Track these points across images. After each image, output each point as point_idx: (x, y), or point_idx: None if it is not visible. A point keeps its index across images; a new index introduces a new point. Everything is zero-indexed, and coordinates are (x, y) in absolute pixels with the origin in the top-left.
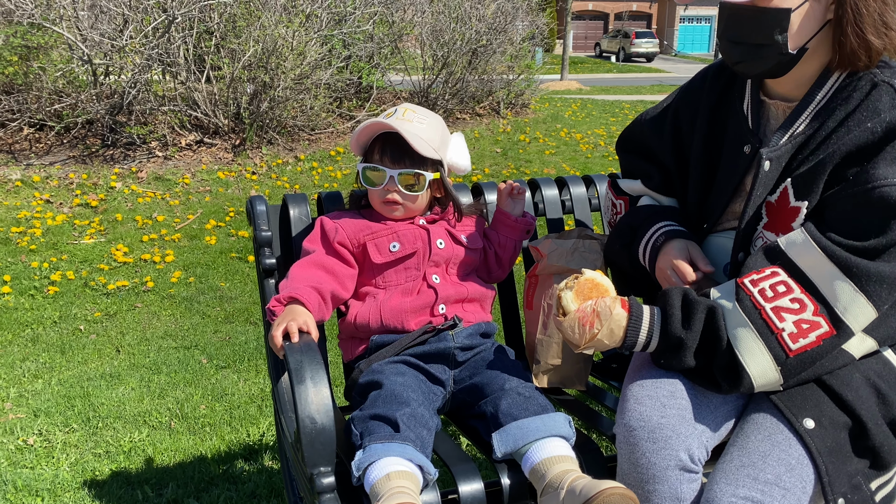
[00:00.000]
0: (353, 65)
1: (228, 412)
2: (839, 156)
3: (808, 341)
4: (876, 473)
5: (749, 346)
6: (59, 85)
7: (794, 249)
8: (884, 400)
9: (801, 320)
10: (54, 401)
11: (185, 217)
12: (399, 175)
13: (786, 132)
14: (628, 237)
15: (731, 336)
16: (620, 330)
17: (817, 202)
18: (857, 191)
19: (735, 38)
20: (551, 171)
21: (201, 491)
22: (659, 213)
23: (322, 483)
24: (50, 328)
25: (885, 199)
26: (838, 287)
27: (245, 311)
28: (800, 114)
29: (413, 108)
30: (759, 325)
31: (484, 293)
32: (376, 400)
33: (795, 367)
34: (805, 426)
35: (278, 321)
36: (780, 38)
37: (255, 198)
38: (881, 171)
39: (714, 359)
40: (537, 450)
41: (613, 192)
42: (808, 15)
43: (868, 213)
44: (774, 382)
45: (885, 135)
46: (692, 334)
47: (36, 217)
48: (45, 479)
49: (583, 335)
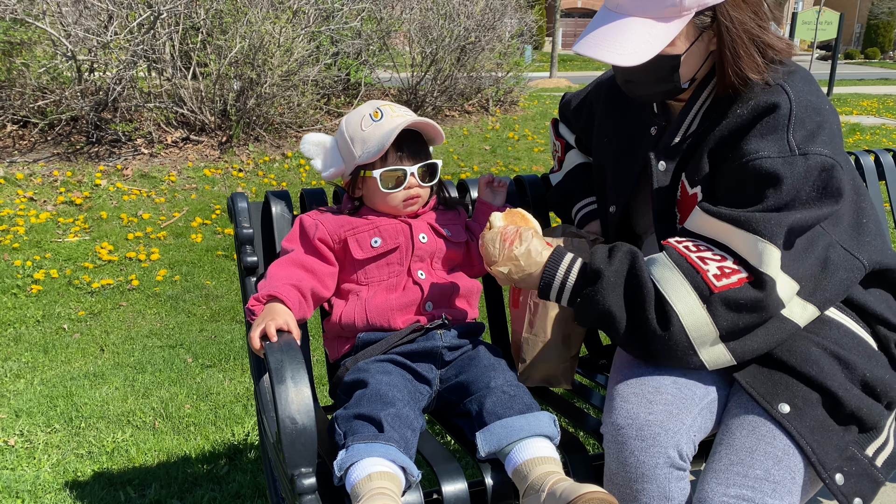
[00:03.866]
0: (341, 61)
1: (213, 411)
2: (715, 141)
3: (730, 281)
4: (868, 438)
5: (675, 287)
6: (42, 81)
7: (693, 223)
8: (847, 365)
9: (723, 266)
10: (36, 401)
11: (170, 215)
12: (419, 168)
13: (677, 131)
14: (566, 197)
15: (657, 279)
16: (539, 256)
17: (708, 185)
18: (735, 166)
19: (630, 78)
20: (540, 169)
21: (185, 491)
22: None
23: (303, 484)
24: (33, 327)
25: (758, 171)
26: (740, 238)
27: (231, 310)
28: (687, 113)
29: (391, 105)
30: (684, 267)
31: (470, 289)
32: (361, 399)
33: (721, 306)
34: (781, 411)
35: (257, 321)
36: (674, 78)
37: (237, 195)
38: (752, 146)
39: (642, 304)
40: (520, 450)
41: (554, 134)
42: (692, 54)
43: (746, 185)
44: (705, 325)
45: (753, 115)
46: (612, 269)
47: (19, 215)
48: (25, 480)
49: (501, 251)
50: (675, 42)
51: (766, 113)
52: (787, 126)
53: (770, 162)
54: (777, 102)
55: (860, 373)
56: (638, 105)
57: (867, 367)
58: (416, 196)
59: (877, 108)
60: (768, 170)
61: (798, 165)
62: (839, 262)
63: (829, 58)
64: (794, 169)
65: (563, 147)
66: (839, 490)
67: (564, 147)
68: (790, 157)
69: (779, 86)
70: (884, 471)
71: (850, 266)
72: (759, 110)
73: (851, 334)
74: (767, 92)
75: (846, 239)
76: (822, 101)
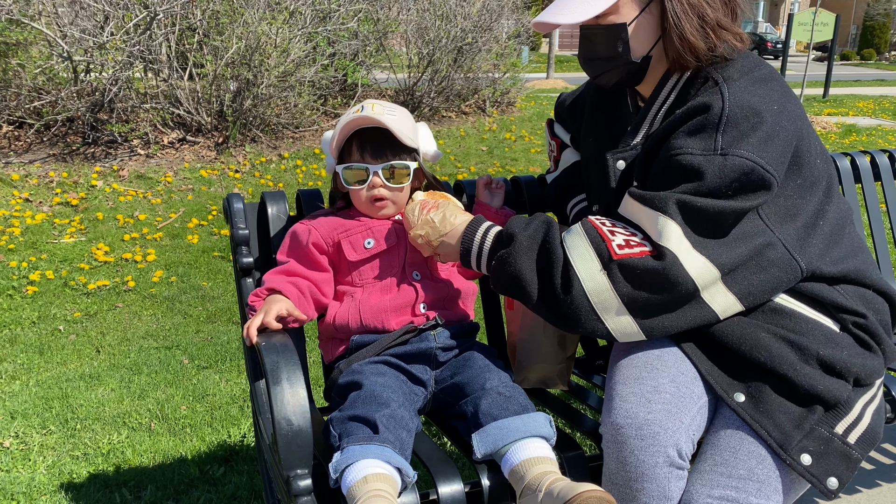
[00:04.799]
0: (338, 62)
1: (209, 413)
2: (655, 139)
3: (632, 251)
4: (835, 416)
5: (580, 252)
6: (38, 82)
7: (622, 207)
8: (799, 347)
9: (629, 239)
10: (32, 402)
11: (167, 216)
12: (383, 169)
13: (637, 131)
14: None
15: (567, 246)
16: (454, 218)
17: (642, 179)
18: (663, 158)
19: (588, 55)
20: (537, 170)
21: (181, 493)
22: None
23: (299, 486)
24: (28, 328)
25: (680, 164)
26: (644, 214)
27: (227, 311)
28: (647, 114)
29: (378, 102)
30: (592, 235)
31: (465, 290)
32: (356, 401)
33: (619, 273)
34: (737, 401)
35: (257, 314)
36: (622, 49)
37: (232, 196)
38: (679, 143)
39: (550, 268)
40: (517, 451)
41: (550, 134)
42: (642, 27)
43: (667, 175)
44: (605, 290)
45: (686, 113)
46: (526, 234)
47: (15, 216)
48: (20, 482)
49: (419, 216)
50: (620, 10)
51: (698, 112)
52: (717, 126)
53: (692, 157)
54: (709, 103)
55: (814, 353)
56: (621, 106)
57: (823, 348)
58: (382, 198)
59: (873, 109)
60: (689, 164)
61: (716, 164)
62: (775, 260)
63: (826, 59)
64: (713, 167)
65: (558, 146)
66: (807, 471)
67: (560, 146)
68: (711, 155)
69: (718, 86)
70: (858, 448)
71: (786, 266)
72: (692, 110)
73: (805, 319)
74: (706, 93)
75: (792, 239)
76: (768, 102)
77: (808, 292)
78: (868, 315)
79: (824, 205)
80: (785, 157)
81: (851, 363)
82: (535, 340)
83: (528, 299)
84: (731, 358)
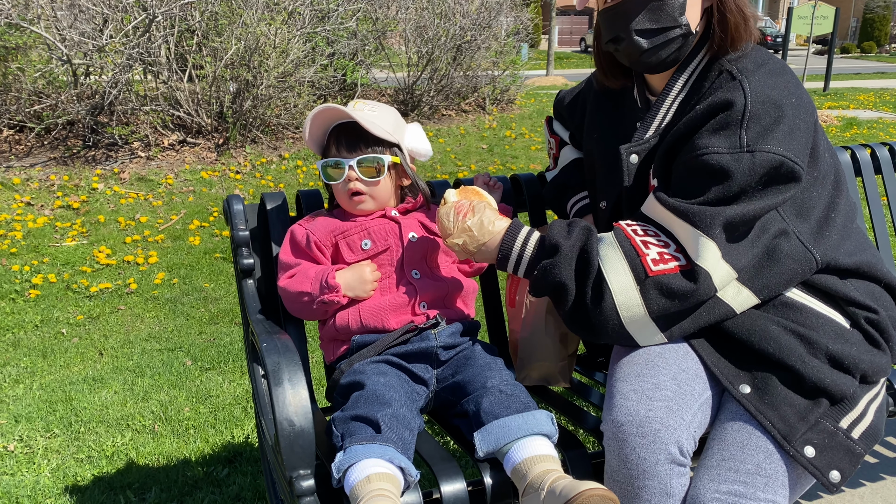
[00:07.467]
0: (337, 62)
1: (213, 414)
2: (675, 135)
3: (666, 267)
4: (841, 410)
5: (615, 265)
6: (38, 86)
7: (647, 207)
8: (808, 341)
9: (663, 252)
10: (35, 406)
11: (168, 218)
12: (356, 162)
13: (650, 126)
14: (560, 192)
15: (601, 258)
16: (492, 226)
17: (664, 177)
18: (687, 159)
19: (644, 27)
20: (537, 167)
21: (185, 495)
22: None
23: (301, 486)
24: (31, 332)
25: (707, 165)
26: (681, 227)
27: (230, 312)
28: (660, 106)
29: (364, 101)
30: (626, 248)
31: (466, 288)
32: (358, 401)
33: (653, 289)
34: (742, 392)
35: (357, 280)
36: (681, 20)
37: (232, 197)
38: (703, 142)
39: (586, 279)
40: (519, 449)
41: (549, 131)
42: (695, 2)
43: (695, 178)
44: (636, 306)
45: (708, 110)
46: (570, 243)
47: (17, 220)
48: (25, 485)
49: (455, 223)
50: None
51: (720, 109)
52: (741, 122)
53: (719, 157)
54: (732, 99)
55: (823, 347)
56: (626, 100)
57: (832, 343)
58: (359, 192)
59: (873, 101)
60: (717, 164)
61: (745, 162)
62: (790, 251)
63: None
64: (741, 165)
65: (557, 144)
66: (810, 463)
67: (559, 144)
68: (738, 153)
69: (738, 81)
70: (862, 443)
71: (800, 258)
72: (714, 106)
73: (816, 314)
74: (726, 88)
75: (806, 231)
76: (786, 94)
77: (821, 286)
78: (879, 311)
79: (835, 198)
80: (807, 148)
81: (860, 359)
82: (536, 338)
83: (562, 306)
84: (737, 349)
